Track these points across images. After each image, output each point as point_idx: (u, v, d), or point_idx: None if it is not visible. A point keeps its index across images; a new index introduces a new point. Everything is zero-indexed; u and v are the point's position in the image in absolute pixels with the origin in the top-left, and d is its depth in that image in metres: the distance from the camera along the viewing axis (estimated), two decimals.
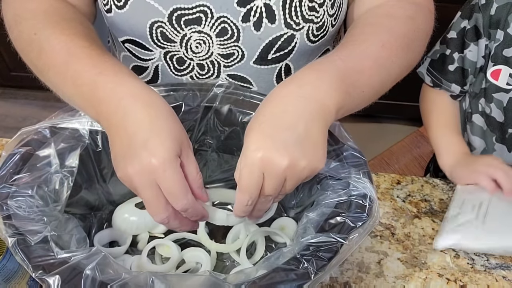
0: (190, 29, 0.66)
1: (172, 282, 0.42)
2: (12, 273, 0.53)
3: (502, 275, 0.66)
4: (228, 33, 0.66)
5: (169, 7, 0.64)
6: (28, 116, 2.13)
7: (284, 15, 0.64)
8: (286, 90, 0.49)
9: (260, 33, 0.66)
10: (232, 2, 0.64)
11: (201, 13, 0.64)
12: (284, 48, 0.68)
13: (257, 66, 0.70)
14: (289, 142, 0.45)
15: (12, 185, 0.49)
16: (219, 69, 0.70)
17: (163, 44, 0.68)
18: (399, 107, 2.02)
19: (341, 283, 0.63)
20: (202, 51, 0.68)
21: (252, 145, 0.46)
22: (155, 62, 0.72)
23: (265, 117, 0.48)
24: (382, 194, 0.77)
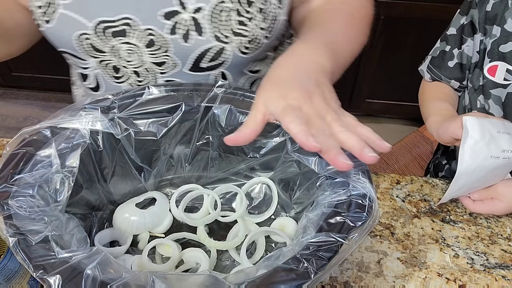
0: (117, 40, 0.66)
1: (173, 282, 0.42)
2: (13, 272, 0.53)
3: (502, 275, 0.66)
4: (156, 44, 0.66)
5: (93, 19, 0.65)
6: (29, 116, 2.13)
7: (212, 28, 0.65)
8: (288, 58, 0.53)
9: (190, 45, 0.66)
10: (156, 15, 0.64)
11: (126, 26, 0.65)
12: (215, 58, 0.68)
13: (193, 73, 0.70)
14: (302, 83, 0.50)
15: (13, 185, 0.49)
16: (155, 76, 0.71)
17: (94, 54, 0.69)
18: (399, 107, 2.02)
19: (341, 283, 0.63)
20: (134, 60, 0.69)
21: (270, 97, 0.49)
22: (93, 70, 0.73)
23: (279, 79, 0.51)
24: (382, 194, 0.77)
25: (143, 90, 0.61)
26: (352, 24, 0.67)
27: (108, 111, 0.59)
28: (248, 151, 0.64)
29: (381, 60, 1.86)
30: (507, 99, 0.79)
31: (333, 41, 0.59)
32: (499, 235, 0.72)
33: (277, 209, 0.66)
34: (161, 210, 0.64)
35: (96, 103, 0.59)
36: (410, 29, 1.71)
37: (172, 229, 0.65)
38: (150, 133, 0.61)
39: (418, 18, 1.67)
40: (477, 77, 0.82)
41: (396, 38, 1.76)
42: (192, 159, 0.67)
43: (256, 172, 0.67)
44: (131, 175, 0.65)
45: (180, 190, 0.67)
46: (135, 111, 0.60)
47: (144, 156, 0.64)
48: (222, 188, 0.68)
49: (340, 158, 0.45)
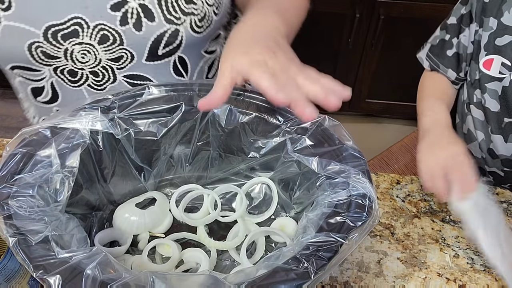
0: (69, 42, 0.65)
1: (173, 282, 0.42)
2: (13, 272, 0.53)
3: None
4: (110, 39, 0.66)
5: (42, 26, 0.63)
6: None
7: (162, 11, 0.65)
8: (243, 25, 0.55)
9: (143, 33, 0.66)
10: (105, 9, 0.64)
11: (76, 25, 0.64)
12: (171, 42, 0.68)
13: (150, 63, 0.70)
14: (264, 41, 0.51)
15: (13, 185, 0.49)
16: (113, 72, 0.70)
17: (48, 61, 0.67)
18: (399, 107, 2.02)
19: (341, 283, 0.63)
20: (90, 60, 0.68)
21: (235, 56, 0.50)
22: (48, 79, 0.71)
23: (233, 40, 0.53)
24: (382, 194, 0.77)
25: (143, 90, 0.61)
26: None
27: (108, 111, 0.59)
28: (248, 151, 0.64)
29: (381, 60, 1.86)
30: (503, 93, 0.78)
31: (281, 9, 0.61)
32: None
33: (277, 209, 0.66)
34: (161, 210, 0.64)
35: (96, 103, 0.59)
36: (410, 29, 1.71)
37: (172, 229, 0.65)
38: (150, 133, 0.61)
39: (418, 18, 1.67)
40: (474, 70, 0.82)
41: (396, 38, 1.76)
42: (192, 159, 0.67)
43: (256, 172, 0.67)
44: (131, 175, 0.65)
45: (180, 190, 0.67)
46: (135, 111, 0.60)
47: (144, 156, 0.64)
48: (222, 188, 0.68)
49: (307, 109, 0.47)
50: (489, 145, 0.84)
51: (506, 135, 0.82)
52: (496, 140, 0.83)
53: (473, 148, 0.88)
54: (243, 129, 0.62)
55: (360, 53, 1.85)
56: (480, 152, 0.87)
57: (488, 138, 0.84)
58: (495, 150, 0.83)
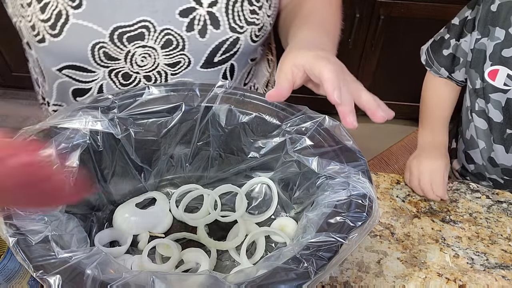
0: (133, 45, 0.65)
1: (173, 282, 0.42)
2: (13, 272, 0.53)
3: (502, 275, 0.66)
4: (173, 43, 0.66)
5: (109, 26, 0.63)
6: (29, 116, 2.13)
7: (228, 20, 0.66)
8: (304, 40, 0.60)
9: (206, 40, 0.67)
10: (173, 14, 0.64)
11: (143, 28, 0.64)
12: (229, 50, 0.69)
13: (203, 69, 0.71)
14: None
15: None
16: (166, 77, 0.71)
17: (107, 63, 0.67)
18: (399, 107, 2.02)
19: (341, 283, 0.63)
20: (148, 64, 0.68)
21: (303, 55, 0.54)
22: (99, 82, 0.70)
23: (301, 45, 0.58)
24: (382, 194, 0.77)
25: (143, 90, 0.61)
26: (335, 13, 0.72)
27: (108, 111, 0.59)
28: (248, 151, 0.64)
29: (381, 60, 1.86)
30: (507, 104, 0.78)
31: (326, 25, 0.66)
32: (499, 235, 0.72)
33: (277, 209, 0.66)
34: (161, 210, 0.64)
35: (96, 103, 0.59)
36: (410, 29, 1.71)
37: (172, 229, 0.65)
38: (150, 133, 0.61)
39: (418, 18, 1.67)
40: (474, 79, 0.82)
41: (396, 38, 1.76)
42: (192, 159, 0.67)
43: (256, 172, 0.67)
44: (131, 175, 0.65)
45: (180, 190, 0.67)
46: (135, 111, 0.60)
47: (144, 156, 0.64)
48: (222, 188, 0.68)
49: (350, 116, 0.50)
50: (490, 154, 0.84)
51: (508, 146, 0.82)
52: (497, 149, 0.83)
53: (474, 154, 0.88)
54: (243, 129, 0.62)
55: (360, 53, 1.85)
56: (481, 159, 0.86)
57: (490, 147, 0.84)
58: (496, 159, 0.83)
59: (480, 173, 0.87)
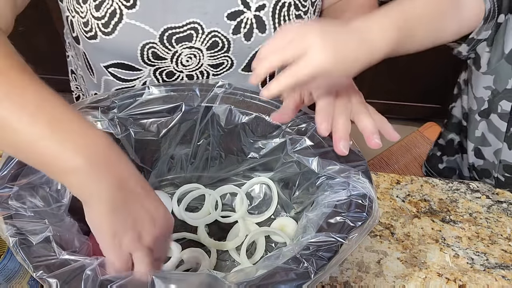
0: (181, 46, 0.66)
1: (173, 282, 0.42)
2: (13, 273, 0.53)
3: (502, 275, 0.66)
4: (219, 45, 0.66)
5: (160, 27, 0.63)
6: None
7: (274, 24, 0.66)
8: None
9: (251, 43, 0.67)
10: (222, 17, 0.64)
11: (192, 30, 0.65)
12: None
13: (244, 73, 0.71)
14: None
15: (13, 185, 0.49)
16: (207, 77, 0.71)
17: (153, 62, 0.67)
18: (399, 107, 2.02)
19: (341, 283, 0.63)
20: (192, 64, 0.68)
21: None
22: (143, 79, 0.71)
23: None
24: (382, 194, 0.77)
25: (143, 90, 0.61)
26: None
27: (108, 111, 0.59)
28: (248, 152, 0.64)
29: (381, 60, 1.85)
30: None
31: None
32: (499, 235, 0.72)
33: (277, 209, 0.66)
34: None
35: (96, 103, 0.59)
36: None
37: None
38: (150, 133, 0.61)
39: None
40: (506, 76, 0.73)
41: None
42: (192, 159, 0.67)
43: (256, 172, 0.67)
44: None
45: (181, 190, 0.67)
46: (135, 111, 0.60)
47: (144, 156, 0.64)
48: (224, 189, 0.68)
49: (340, 143, 0.51)
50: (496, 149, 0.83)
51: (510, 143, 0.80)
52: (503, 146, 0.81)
53: (485, 151, 0.85)
54: (243, 129, 0.62)
55: None
56: (492, 157, 0.84)
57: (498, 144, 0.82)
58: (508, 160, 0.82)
59: (487, 170, 0.86)
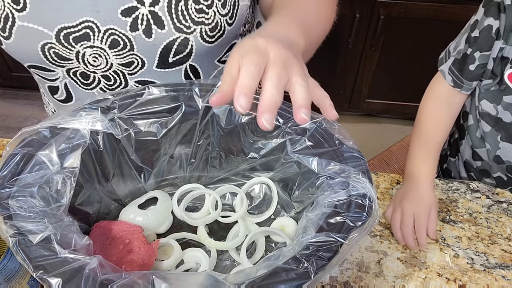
0: (81, 45, 0.65)
1: (173, 282, 0.42)
2: (13, 272, 0.53)
3: (502, 275, 0.66)
4: (120, 44, 0.66)
5: (54, 27, 0.64)
6: (29, 116, 2.13)
7: (172, 19, 0.65)
8: (264, 30, 0.52)
9: (153, 40, 0.66)
10: (116, 14, 0.64)
11: (87, 29, 0.64)
12: (181, 51, 0.68)
13: (161, 70, 0.70)
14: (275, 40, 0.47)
15: (13, 185, 0.49)
16: (124, 77, 0.70)
17: (61, 63, 0.67)
18: (399, 107, 2.02)
19: (341, 283, 0.63)
20: (101, 64, 0.68)
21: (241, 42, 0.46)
22: (62, 80, 0.72)
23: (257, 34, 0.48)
24: (382, 194, 0.77)
25: (143, 90, 0.61)
26: (321, 4, 0.67)
27: (108, 111, 0.59)
28: (248, 152, 0.64)
29: (381, 60, 1.86)
30: None
31: (305, 20, 0.58)
32: (499, 235, 0.72)
33: (277, 209, 0.66)
34: (164, 209, 0.64)
35: (96, 103, 0.59)
36: (410, 29, 1.71)
37: (172, 229, 0.65)
38: (150, 133, 0.61)
39: (418, 18, 1.67)
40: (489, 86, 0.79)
41: (396, 38, 1.76)
42: (192, 159, 0.67)
43: (256, 172, 0.67)
44: (131, 175, 0.65)
45: (181, 190, 0.67)
46: (135, 111, 0.60)
47: (144, 157, 0.64)
48: (224, 189, 0.68)
49: (262, 117, 0.44)
50: (496, 152, 0.83)
51: None
52: (504, 147, 0.82)
53: (482, 153, 0.86)
54: (243, 129, 0.62)
55: (360, 53, 1.85)
56: (487, 158, 0.85)
57: (496, 146, 0.83)
58: (502, 156, 0.82)
59: (485, 170, 0.87)
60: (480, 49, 0.78)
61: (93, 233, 0.59)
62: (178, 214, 0.65)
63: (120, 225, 0.59)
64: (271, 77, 0.44)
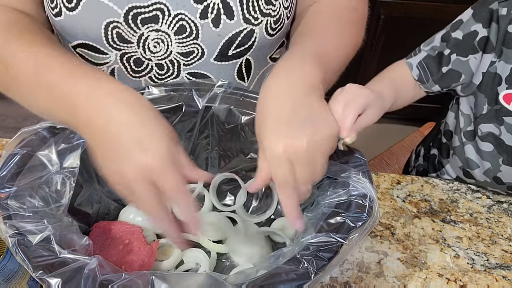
0: (147, 28, 0.64)
1: (172, 282, 0.42)
2: (12, 273, 0.53)
3: (502, 275, 0.66)
4: (187, 30, 0.65)
5: (125, 6, 0.62)
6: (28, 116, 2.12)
7: (242, 10, 0.64)
8: (277, 82, 0.51)
9: (219, 30, 0.65)
10: (189, 0, 0.63)
11: (158, 11, 0.63)
12: (244, 43, 0.67)
13: (217, 62, 0.69)
14: (299, 122, 0.48)
15: (12, 185, 0.49)
16: (178, 68, 0.69)
17: (119, 45, 0.65)
18: None
19: (341, 283, 0.63)
20: (161, 51, 0.66)
21: (270, 140, 0.48)
22: (111, 65, 0.69)
23: (269, 112, 0.50)
24: (382, 194, 0.77)
25: (143, 90, 0.61)
26: (344, 29, 0.66)
27: None
28: (248, 152, 0.64)
29: (381, 60, 1.85)
30: None
31: (323, 51, 0.58)
32: (500, 235, 0.72)
33: (277, 209, 0.66)
34: None
35: None
36: (410, 29, 1.71)
37: None
38: None
39: (418, 18, 1.67)
40: (481, 103, 0.74)
41: (396, 38, 1.76)
42: (191, 159, 0.67)
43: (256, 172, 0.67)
44: None
45: None
46: None
47: None
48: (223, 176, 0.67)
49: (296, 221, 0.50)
50: (496, 174, 0.80)
51: None
52: (505, 170, 0.78)
53: (475, 173, 0.82)
54: (243, 129, 0.62)
55: (360, 54, 1.84)
56: (483, 177, 0.81)
57: (497, 167, 0.78)
58: (502, 178, 0.78)
59: (481, 186, 0.84)
60: (457, 53, 0.73)
61: (92, 233, 0.59)
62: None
63: (119, 226, 0.59)
64: None
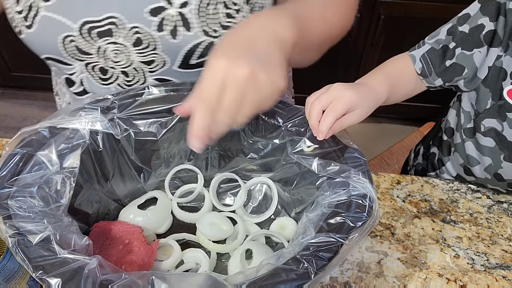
0: (104, 40, 0.64)
1: (172, 282, 0.42)
2: (12, 273, 0.53)
3: (502, 275, 0.66)
4: (144, 42, 0.65)
5: (78, 20, 0.63)
6: (28, 116, 2.13)
7: (201, 23, 0.63)
8: (248, 21, 0.53)
9: (178, 41, 0.65)
10: (143, 13, 0.63)
11: (112, 25, 0.63)
12: (205, 54, 0.66)
13: (182, 70, 0.69)
14: (250, 56, 0.47)
15: (12, 185, 0.49)
16: (144, 75, 0.69)
17: (80, 57, 0.67)
18: (399, 107, 2.01)
19: (341, 283, 0.63)
20: (122, 60, 0.67)
21: (215, 56, 0.48)
22: (79, 75, 0.70)
23: (228, 40, 0.50)
24: (382, 194, 0.77)
25: (143, 90, 0.61)
26: (330, 6, 0.66)
27: (108, 111, 0.59)
28: (248, 152, 0.64)
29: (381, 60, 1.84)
30: None
31: (303, 15, 0.58)
32: (500, 235, 0.72)
33: (277, 209, 0.66)
34: (163, 209, 0.64)
35: (96, 103, 0.59)
36: (410, 28, 1.71)
37: (172, 229, 0.65)
38: (150, 133, 0.61)
39: (418, 18, 1.67)
40: (485, 97, 0.73)
41: (396, 37, 1.76)
42: (192, 159, 0.67)
43: (256, 172, 0.67)
44: (131, 175, 0.65)
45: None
46: (135, 111, 0.60)
47: (144, 157, 0.64)
48: (224, 175, 0.67)
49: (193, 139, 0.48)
50: (497, 170, 0.79)
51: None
52: (506, 167, 0.77)
53: (476, 170, 0.82)
54: (243, 129, 0.62)
55: (360, 53, 1.85)
56: (483, 174, 0.81)
57: (498, 163, 0.77)
58: (503, 175, 0.78)
59: (481, 184, 0.84)
60: (463, 46, 0.72)
61: (92, 233, 0.59)
62: (178, 214, 0.65)
63: (119, 226, 0.59)
64: None
